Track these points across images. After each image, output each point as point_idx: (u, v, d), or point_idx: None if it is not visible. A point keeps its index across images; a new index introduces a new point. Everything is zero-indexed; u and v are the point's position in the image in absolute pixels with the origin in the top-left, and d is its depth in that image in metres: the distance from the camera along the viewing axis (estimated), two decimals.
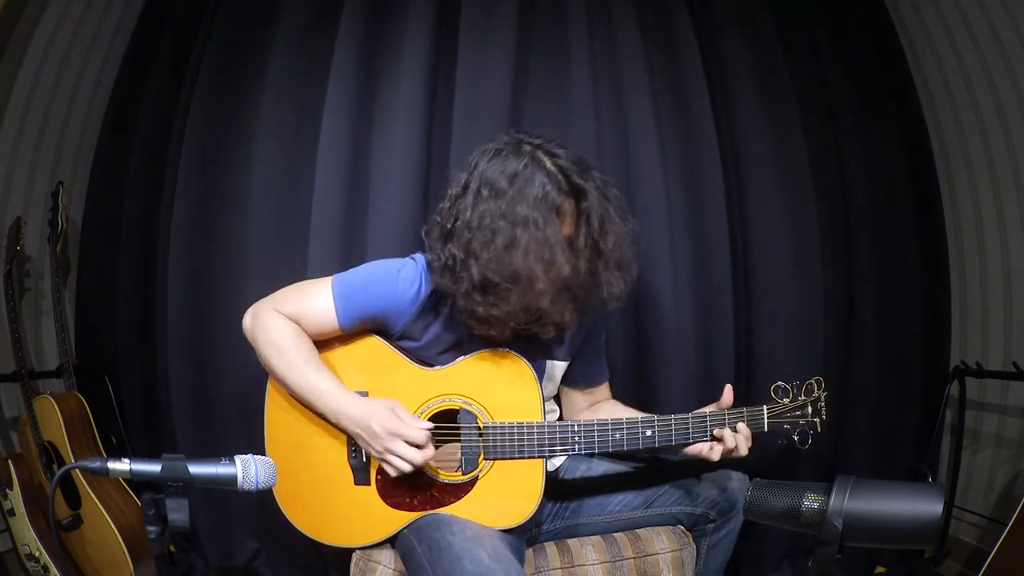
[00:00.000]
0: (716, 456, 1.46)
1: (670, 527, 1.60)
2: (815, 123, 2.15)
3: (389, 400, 1.43)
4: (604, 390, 1.75)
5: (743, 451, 1.46)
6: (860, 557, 2.19)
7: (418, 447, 1.38)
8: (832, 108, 2.18)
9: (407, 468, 1.38)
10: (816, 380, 1.54)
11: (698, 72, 2.04)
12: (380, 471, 1.46)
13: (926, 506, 1.06)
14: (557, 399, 1.73)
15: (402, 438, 1.37)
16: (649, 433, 1.45)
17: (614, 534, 1.59)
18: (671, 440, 1.45)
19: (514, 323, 1.42)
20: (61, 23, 2.14)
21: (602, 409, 1.71)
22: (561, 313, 1.42)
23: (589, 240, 1.40)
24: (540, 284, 1.34)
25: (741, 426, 1.46)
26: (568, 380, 1.69)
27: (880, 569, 2.20)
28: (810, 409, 1.53)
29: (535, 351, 1.52)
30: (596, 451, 1.48)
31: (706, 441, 1.46)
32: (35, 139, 2.20)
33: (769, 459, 2.03)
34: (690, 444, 1.46)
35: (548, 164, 1.37)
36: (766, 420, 1.50)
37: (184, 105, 2.12)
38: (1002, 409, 2.21)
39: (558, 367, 1.60)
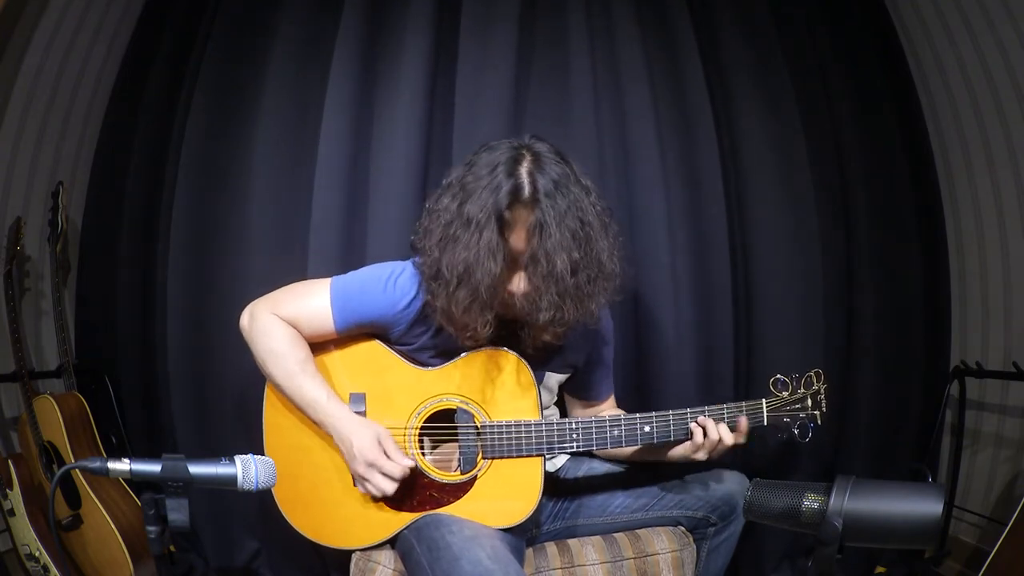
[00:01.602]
0: (703, 455, 1.44)
1: (670, 527, 1.60)
2: (815, 123, 2.14)
3: (379, 427, 1.43)
4: (608, 406, 1.72)
5: (728, 440, 1.43)
6: (860, 557, 2.19)
7: (393, 480, 1.39)
8: (832, 108, 2.18)
9: (376, 494, 1.41)
10: (815, 373, 1.53)
11: (698, 71, 2.04)
12: None
13: (926, 506, 1.06)
14: (557, 405, 1.71)
15: (379, 470, 1.39)
16: (648, 429, 1.44)
17: (614, 534, 1.58)
18: (670, 436, 1.45)
19: (474, 325, 1.36)
20: (61, 23, 2.14)
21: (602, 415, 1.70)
22: (478, 325, 1.36)
23: (534, 258, 1.31)
24: (466, 287, 1.32)
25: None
26: (570, 392, 1.69)
27: (880, 569, 2.20)
28: (810, 402, 1.52)
29: (530, 361, 1.49)
30: (595, 448, 1.47)
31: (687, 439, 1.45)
32: (35, 139, 2.20)
33: (768, 458, 2.03)
34: (688, 441, 1.45)
35: (522, 173, 1.31)
36: (765, 414, 1.49)
37: (184, 105, 2.12)
38: (1002, 409, 2.21)
39: (554, 378, 1.59)
